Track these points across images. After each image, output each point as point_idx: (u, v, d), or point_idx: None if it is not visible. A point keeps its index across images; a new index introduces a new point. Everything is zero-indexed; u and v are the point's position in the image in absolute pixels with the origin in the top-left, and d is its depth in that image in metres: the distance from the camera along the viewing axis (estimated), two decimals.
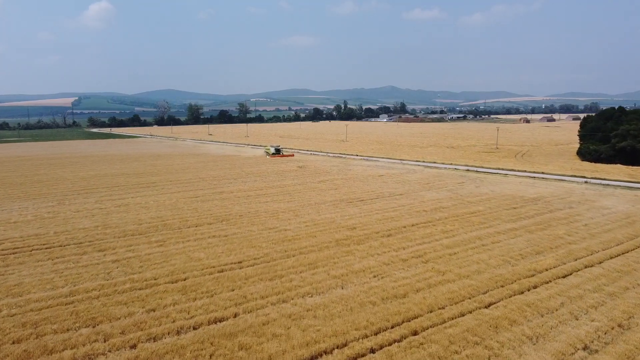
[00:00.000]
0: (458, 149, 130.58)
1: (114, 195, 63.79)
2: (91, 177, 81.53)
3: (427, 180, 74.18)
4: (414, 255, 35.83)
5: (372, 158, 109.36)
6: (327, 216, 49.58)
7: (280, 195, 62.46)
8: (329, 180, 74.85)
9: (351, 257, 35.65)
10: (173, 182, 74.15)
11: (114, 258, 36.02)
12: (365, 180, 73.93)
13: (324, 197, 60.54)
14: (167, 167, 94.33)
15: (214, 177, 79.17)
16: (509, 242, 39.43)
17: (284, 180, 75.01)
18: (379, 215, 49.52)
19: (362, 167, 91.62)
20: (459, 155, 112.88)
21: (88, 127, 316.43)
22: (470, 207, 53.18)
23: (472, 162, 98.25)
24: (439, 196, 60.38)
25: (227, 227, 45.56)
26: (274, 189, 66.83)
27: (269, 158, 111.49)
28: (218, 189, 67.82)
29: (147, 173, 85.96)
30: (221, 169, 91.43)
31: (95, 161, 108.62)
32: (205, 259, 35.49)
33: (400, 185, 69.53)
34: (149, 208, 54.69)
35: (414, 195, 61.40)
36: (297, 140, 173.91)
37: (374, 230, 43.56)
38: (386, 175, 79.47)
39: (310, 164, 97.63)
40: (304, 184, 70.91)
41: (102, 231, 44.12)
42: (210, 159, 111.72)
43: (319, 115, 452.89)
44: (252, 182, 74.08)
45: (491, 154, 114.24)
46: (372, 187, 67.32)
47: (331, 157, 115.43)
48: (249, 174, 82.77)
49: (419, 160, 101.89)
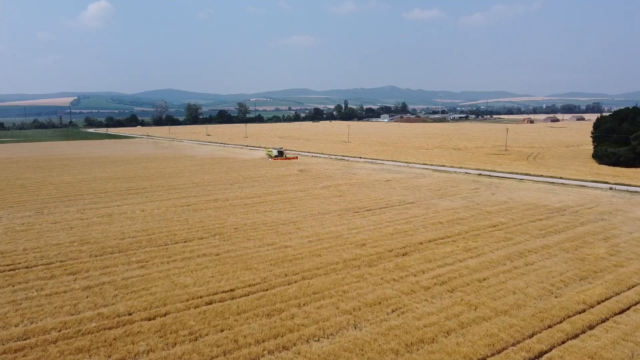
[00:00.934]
0: (465, 150, 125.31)
1: (99, 203, 58.51)
2: (78, 181, 76.22)
3: (438, 186, 68.91)
4: (437, 281, 30.57)
5: (377, 160, 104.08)
6: (333, 229, 44.33)
7: (280, 203, 57.19)
8: (332, 186, 69.55)
9: (363, 284, 30.39)
10: (165, 188, 68.86)
11: (86, 284, 30.74)
12: (371, 186, 68.65)
13: (327, 205, 55.27)
14: (160, 171, 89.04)
15: (209, 182, 73.88)
16: (544, 263, 34.14)
17: (284, 186, 69.72)
18: (390, 229, 44.25)
19: (367, 171, 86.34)
20: (468, 157, 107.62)
21: (84, 127, 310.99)
22: (490, 219, 47.91)
23: (482, 165, 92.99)
24: (453, 205, 55.11)
25: (220, 243, 40.28)
26: (273, 196, 61.56)
27: (271, 161, 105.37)
28: (212, 195, 62.56)
29: (138, 177, 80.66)
30: (217, 172, 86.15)
31: (85, 164, 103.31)
32: (191, 286, 30.22)
33: (409, 191, 64.26)
34: (135, 219, 49.40)
35: (426, 203, 56.12)
36: (298, 141, 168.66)
37: (387, 247, 38.28)
38: (393, 180, 74.18)
39: (312, 167, 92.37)
40: (305, 191, 65.64)
41: (78, 248, 38.85)
42: (207, 161, 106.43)
43: (319, 115, 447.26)
44: (249, 187, 68.81)
45: (501, 157, 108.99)
46: (380, 194, 62.05)
47: (333, 159, 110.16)
48: (247, 179, 77.48)
49: (427, 163, 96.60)
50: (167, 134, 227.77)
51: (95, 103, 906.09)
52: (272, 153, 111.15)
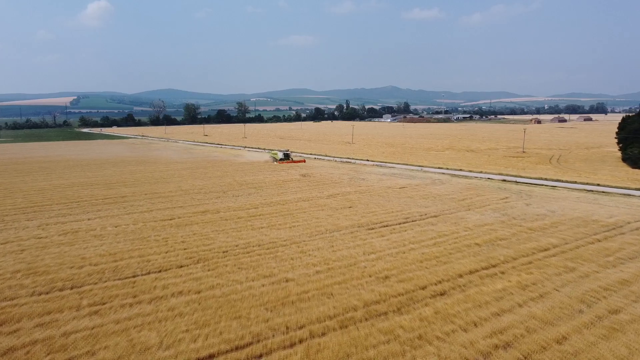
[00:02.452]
0: (479, 152, 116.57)
1: (67, 215, 49.82)
2: (53, 188, 67.57)
3: (462, 194, 60.20)
4: (499, 343, 21.91)
5: (386, 164, 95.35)
6: (345, 253, 35.68)
7: (280, 216, 48.52)
8: (340, 194, 60.84)
9: (395, 346, 21.72)
10: (148, 197, 60.19)
11: (8, 344, 22.05)
12: (385, 195, 59.93)
13: (336, 220, 46.58)
14: (147, 176, 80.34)
15: (200, 190, 65.21)
16: (635, 310, 25.46)
17: (285, 194, 61.03)
18: (416, 253, 35.58)
19: (377, 176, 77.62)
20: (485, 160, 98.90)
21: (79, 127, 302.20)
22: (537, 239, 39.20)
23: (503, 169, 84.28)
24: (486, 219, 46.41)
25: (203, 273, 31.62)
26: (272, 207, 52.88)
27: (277, 164, 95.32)
28: (202, 206, 53.87)
29: (121, 183, 71.98)
30: (210, 177, 77.45)
31: (68, 167, 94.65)
32: (155, 349, 21.57)
33: (430, 201, 55.55)
34: (103, 238, 40.73)
35: (452, 217, 47.43)
36: (299, 142, 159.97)
37: (417, 281, 29.62)
38: (409, 188, 65.47)
39: (315, 172, 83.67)
40: (309, 200, 56.92)
41: (19, 282, 30.19)
42: (200, 164, 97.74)
43: (320, 115, 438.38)
44: (245, 196, 60.13)
45: (521, 159, 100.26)
46: (396, 205, 53.35)
47: (338, 162, 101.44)
48: (242, 185, 68.79)
49: (442, 167, 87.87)
50: (163, 134, 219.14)
51: (95, 103, 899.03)
52: (278, 156, 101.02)
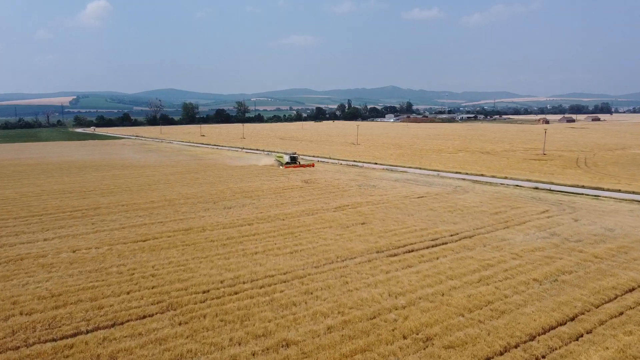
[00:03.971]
0: (496, 155, 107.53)
1: (21, 235, 40.94)
2: (18, 197, 58.73)
3: (493, 206, 51.18)
4: None
5: (397, 167, 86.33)
6: (365, 295, 26.78)
7: (279, 236, 39.59)
8: (349, 205, 51.83)
9: None
10: (125, 209, 51.26)
11: None
12: (402, 207, 50.91)
13: (349, 242, 37.65)
14: (130, 182, 71.44)
15: (187, 199, 56.30)
16: None
17: (285, 206, 52.06)
18: (460, 296, 26.64)
19: (389, 182, 68.64)
20: (505, 164, 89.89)
21: (73, 126, 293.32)
22: (613, 272, 30.22)
23: (529, 174, 75.28)
24: (534, 241, 37.44)
25: (171, 331, 22.72)
26: (270, 224, 43.93)
27: (282, 169, 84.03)
28: (186, 221, 44.96)
29: (99, 191, 63.10)
30: (201, 184, 68.54)
31: (45, 170, 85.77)
32: None
33: (458, 216, 46.56)
34: (52, 269, 31.83)
35: (491, 238, 38.46)
36: (301, 143, 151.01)
37: (475, 351, 20.68)
38: (429, 197, 56.49)
39: (320, 177, 74.70)
40: (314, 214, 47.95)
41: None
42: (192, 168, 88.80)
43: (321, 115, 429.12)
44: (238, 207, 51.19)
45: (544, 163, 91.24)
46: (419, 221, 44.40)
47: (344, 165, 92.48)
48: (236, 194, 59.85)
49: (460, 172, 78.85)
50: (158, 135, 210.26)
51: (95, 103, 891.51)
52: (284, 159, 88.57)
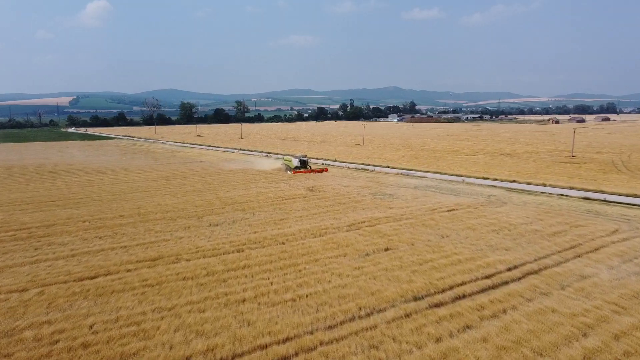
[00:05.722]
0: (519, 157, 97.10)
1: None
2: None
3: (546, 224, 40.71)
4: None
5: (413, 171, 75.89)
6: None
7: (276, 270, 29.22)
8: (366, 222, 41.37)
9: None
10: (86, 225, 40.92)
11: None
12: (432, 224, 40.45)
13: (372, 280, 27.26)
14: (105, 189, 61.13)
15: (166, 212, 45.94)
16: None
17: (285, 222, 41.63)
18: None
19: (408, 190, 58.21)
20: (534, 167, 79.49)
21: (66, 126, 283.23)
22: None
23: (567, 179, 64.91)
24: (629, 281, 27.06)
25: None
26: (265, 250, 33.53)
27: (291, 174, 71.37)
28: (156, 246, 34.58)
29: (62, 201, 52.76)
30: (186, 192, 58.20)
31: (10, 175, 75.39)
32: None
33: (508, 238, 36.11)
34: None
35: (567, 275, 28.06)
36: (302, 144, 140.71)
37: None
38: (461, 210, 46.06)
39: (326, 183, 64.32)
40: (323, 234, 37.49)
41: None
42: (180, 172, 78.44)
43: (323, 115, 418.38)
44: (227, 224, 40.82)
45: (578, 166, 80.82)
46: (459, 245, 34.00)
47: (352, 169, 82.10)
48: (226, 205, 49.47)
49: (487, 177, 68.42)
50: (152, 135, 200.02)
51: (95, 103, 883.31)
52: (292, 163, 75.25)
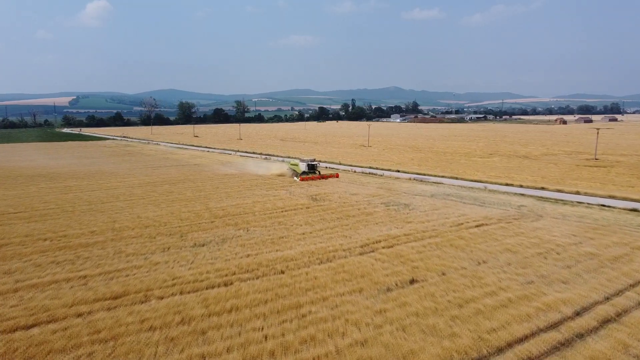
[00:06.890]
0: (537, 160, 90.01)
1: None
2: None
3: (600, 244, 33.65)
4: None
5: (426, 177, 68.83)
6: None
7: (272, 315, 22.17)
8: (381, 241, 34.32)
9: None
10: (45, 246, 33.94)
11: None
12: (463, 245, 33.38)
13: (401, 334, 20.23)
14: (81, 197, 54.14)
15: (144, 228, 38.92)
16: None
17: (285, 243, 34.58)
18: None
19: (425, 200, 51.15)
20: (558, 172, 72.42)
21: (61, 126, 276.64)
22: None
23: (601, 186, 57.93)
24: None
25: None
26: (258, 282, 26.49)
27: (298, 181, 63.68)
28: (123, 276, 27.57)
29: (28, 213, 45.78)
30: (173, 201, 51.21)
31: None
32: None
33: (560, 265, 29.06)
34: None
35: None
36: (303, 145, 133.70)
37: None
38: (492, 226, 38.99)
39: (331, 190, 57.29)
40: (330, 260, 30.45)
41: None
42: (169, 177, 71.46)
43: (324, 115, 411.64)
44: (214, 245, 33.79)
45: (606, 170, 73.73)
46: (502, 275, 26.96)
47: (359, 173, 75.04)
48: (217, 218, 42.46)
49: (511, 184, 61.34)
50: (147, 135, 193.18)
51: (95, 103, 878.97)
52: (299, 168, 67.25)
